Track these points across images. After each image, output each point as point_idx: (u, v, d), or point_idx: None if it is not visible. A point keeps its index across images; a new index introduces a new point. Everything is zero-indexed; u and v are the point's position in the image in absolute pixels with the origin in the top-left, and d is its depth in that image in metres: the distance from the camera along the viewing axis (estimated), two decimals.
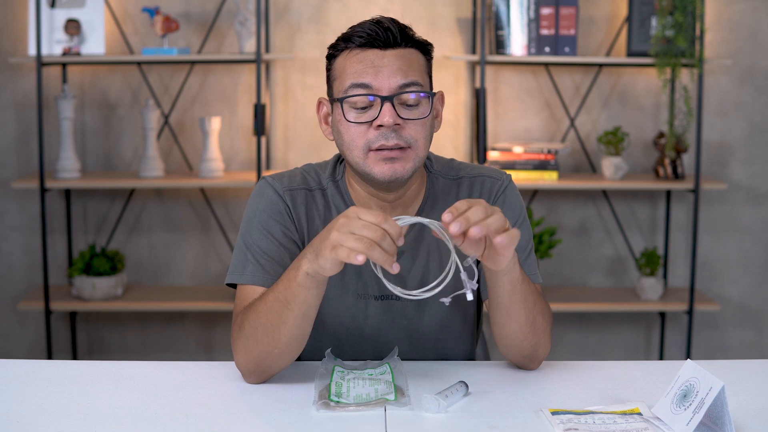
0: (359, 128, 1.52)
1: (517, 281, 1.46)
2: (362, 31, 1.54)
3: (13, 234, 3.48)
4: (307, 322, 1.44)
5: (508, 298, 1.47)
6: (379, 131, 1.51)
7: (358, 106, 1.52)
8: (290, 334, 1.43)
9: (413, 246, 1.63)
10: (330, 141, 1.64)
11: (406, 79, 1.52)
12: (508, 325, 1.51)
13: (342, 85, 1.54)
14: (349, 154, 1.55)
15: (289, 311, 1.42)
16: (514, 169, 3.25)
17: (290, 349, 1.46)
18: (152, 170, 3.24)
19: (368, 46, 1.53)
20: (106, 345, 3.52)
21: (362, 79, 1.51)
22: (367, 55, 1.53)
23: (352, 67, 1.53)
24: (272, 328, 1.43)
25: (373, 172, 1.53)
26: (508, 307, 1.49)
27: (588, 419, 1.32)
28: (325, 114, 1.62)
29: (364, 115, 1.52)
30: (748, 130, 3.48)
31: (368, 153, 1.52)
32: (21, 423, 1.32)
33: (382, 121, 1.50)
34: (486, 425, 1.32)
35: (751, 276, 3.56)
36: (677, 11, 3.15)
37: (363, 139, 1.52)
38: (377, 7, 3.39)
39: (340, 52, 1.56)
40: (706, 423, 1.28)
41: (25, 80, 3.38)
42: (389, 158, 1.51)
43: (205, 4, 3.38)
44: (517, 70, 3.44)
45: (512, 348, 1.55)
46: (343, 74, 1.54)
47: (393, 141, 1.51)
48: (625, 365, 1.63)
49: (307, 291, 1.40)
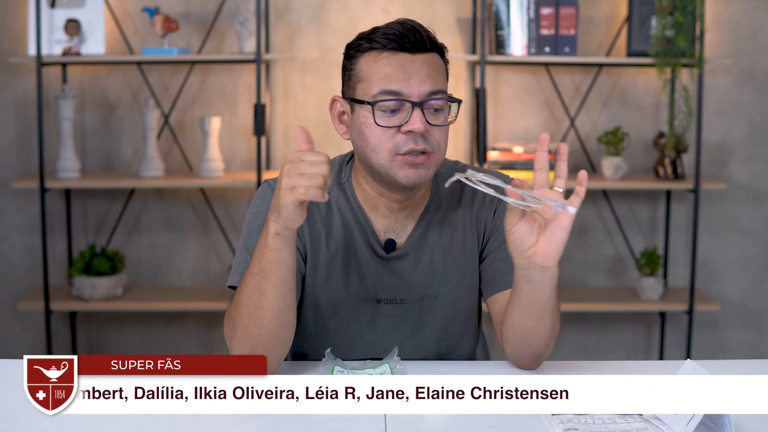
0: (387, 132, 1.51)
1: (555, 286, 1.46)
2: (391, 33, 1.52)
3: (13, 234, 3.48)
4: (286, 290, 1.44)
5: (545, 303, 1.47)
6: (408, 136, 1.51)
7: (386, 111, 1.51)
8: (273, 306, 1.43)
9: (417, 247, 1.63)
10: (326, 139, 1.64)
11: (435, 87, 1.52)
12: (537, 330, 1.50)
13: (370, 89, 1.52)
14: (373, 157, 1.53)
15: (266, 281, 1.42)
16: (514, 169, 3.24)
17: (276, 326, 1.45)
18: (152, 170, 3.24)
19: (397, 49, 1.51)
20: (106, 345, 3.51)
21: (392, 85, 1.50)
22: (397, 59, 1.51)
23: (381, 71, 1.51)
24: (255, 306, 1.44)
25: (397, 176, 1.52)
26: (542, 312, 1.48)
27: (588, 419, 1.33)
28: (339, 112, 1.60)
29: (393, 119, 1.51)
30: (748, 130, 3.48)
31: (395, 157, 1.52)
32: (21, 423, 1.32)
33: (412, 127, 1.50)
34: (486, 425, 1.32)
35: (751, 276, 3.55)
36: (677, 11, 3.15)
37: (391, 143, 1.51)
38: (377, 7, 3.39)
39: (363, 52, 1.54)
40: (706, 423, 1.28)
41: (25, 80, 3.38)
42: (415, 164, 1.51)
43: (205, 4, 3.38)
44: (517, 70, 3.44)
45: (526, 347, 1.53)
46: (371, 77, 1.52)
47: (421, 145, 1.51)
48: (625, 365, 1.63)
49: (280, 252, 1.40)
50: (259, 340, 1.46)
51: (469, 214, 1.65)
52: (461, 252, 1.64)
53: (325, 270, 1.62)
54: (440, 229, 1.64)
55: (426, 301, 1.64)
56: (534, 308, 1.47)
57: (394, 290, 1.63)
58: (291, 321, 1.48)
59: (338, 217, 1.63)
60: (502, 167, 3.23)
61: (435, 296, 1.64)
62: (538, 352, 1.54)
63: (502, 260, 1.63)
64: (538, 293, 1.45)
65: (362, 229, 1.62)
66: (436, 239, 1.64)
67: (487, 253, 1.65)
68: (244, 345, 1.47)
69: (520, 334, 1.51)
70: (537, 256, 1.41)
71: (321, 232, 1.62)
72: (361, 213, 1.63)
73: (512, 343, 1.54)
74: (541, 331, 1.50)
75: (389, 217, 1.62)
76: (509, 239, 1.41)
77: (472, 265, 1.65)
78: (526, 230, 1.41)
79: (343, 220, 1.63)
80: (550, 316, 1.49)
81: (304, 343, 1.67)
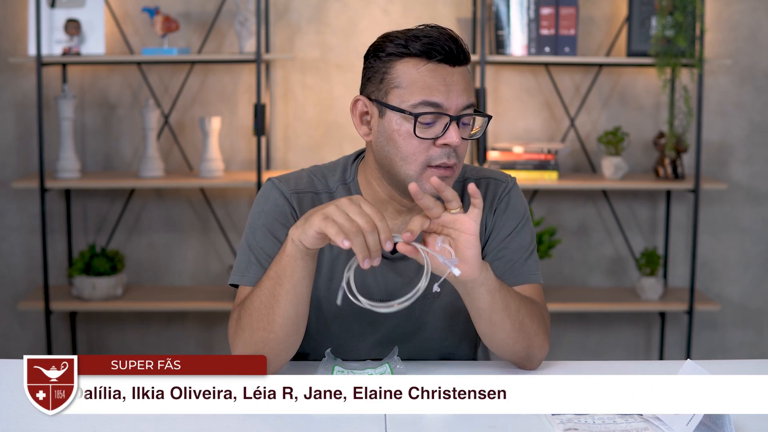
0: (424, 143, 1.50)
1: (495, 289, 1.46)
2: (437, 44, 1.49)
3: (13, 234, 3.48)
4: (299, 300, 1.43)
5: (489, 308, 1.48)
6: (443, 149, 1.50)
7: (424, 122, 1.50)
8: (284, 313, 1.43)
9: None
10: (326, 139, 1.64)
11: (469, 101, 1.51)
12: (496, 334, 1.52)
13: (408, 97, 1.49)
14: (402, 165, 1.52)
15: (280, 287, 1.42)
16: (514, 169, 3.24)
17: (286, 333, 1.45)
18: (152, 170, 3.24)
19: (441, 60, 1.50)
20: (106, 345, 3.52)
21: (434, 97, 1.48)
22: (439, 70, 1.50)
23: (423, 81, 1.49)
24: (266, 310, 1.44)
25: (424, 187, 1.52)
26: (491, 317, 1.49)
27: (588, 419, 1.33)
28: (361, 113, 1.57)
29: (429, 131, 1.50)
30: (748, 130, 3.48)
31: (426, 168, 1.51)
32: (21, 423, 1.32)
33: (448, 140, 1.49)
34: (486, 425, 1.32)
35: (751, 276, 3.56)
36: (677, 11, 3.15)
37: (425, 155, 1.50)
38: (377, 7, 3.39)
39: (400, 57, 1.51)
40: (706, 423, 1.28)
41: (25, 80, 3.38)
42: (443, 177, 1.51)
43: (205, 4, 3.38)
44: (517, 70, 3.44)
45: (504, 353, 1.56)
46: (412, 86, 1.49)
47: (453, 160, 1.51)
48: (625, 365, 1.63)
49: (295, 262, 1.40)
50: (266, 344, 1.46)
51: None
52: None
53: (328, 270, 1.62)
54: None
55: (428, 300, 1.64)
56: (482, 315, 1.49)
57: (398, 291, 1.63)
58: (300, 330, 1.47)
59: None
60: (502, 167, 3.23)
61: (437, 295, 1.64)
62: (519, 354, 1.56)
63: (501, 259, 1.63)
64: (478, 301, 1.47)
65: None
66: None
67: (486, 251, 1.65)
68: (250, 346, 1.47)
69: (484, 339, 1.55)
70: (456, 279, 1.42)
71: None
72: None
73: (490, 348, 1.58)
74: (500, 334, 1.51)
75: (396, 219, 1.62)
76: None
77: None
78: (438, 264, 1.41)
79: None
80: (505, 320, 1.50)
81: (305, 343, 1.66)
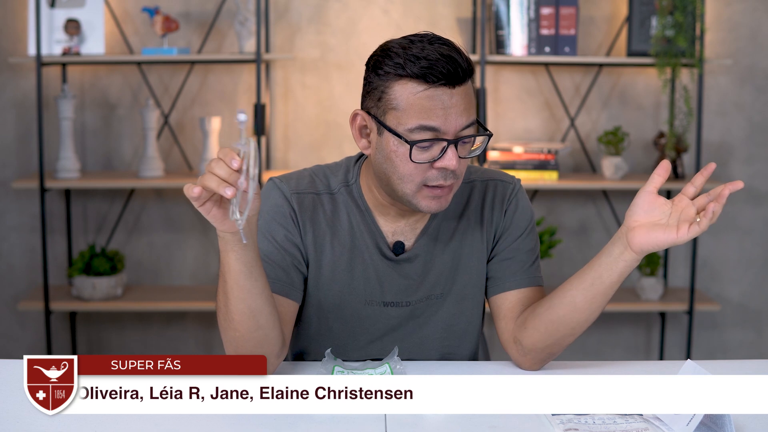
0: (420, 166, 1.49)
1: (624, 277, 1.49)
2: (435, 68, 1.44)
3: (13, 234, 3.48)
4: (245, 294, 1.41)
5: (607, 287, 1.50)
6: (439, 171, 1.49)
7: (422, 146, 1.48)
8: (236, 309, 1.42)
9: (426, 250, 1.63)
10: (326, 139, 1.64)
11: (469, 120, 1.48)
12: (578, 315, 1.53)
13: (405, 120, 1.47)
14: (399, 184, 1.51)
15: (225, 284, 1.42)
16: (514, 169, 3.25)
17: (247, 329, 1.44)
18: (152, 170, 3.24)
19: (440, 84, 1.45)
20: (106, 345, 3.52)
21: (431, 121, 1.45)
22: (437, 93, 1.45)
23: (420, 105, 1.46)
24: (224, 309, 1.44)
25: (420, 205, 1.52)
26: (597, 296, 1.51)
27: (588, 419, 1.33)
28: (360, 126, 1.55)
29: (426, 154, 1.48)
30: (748, 130, 3.48)
31: (422, 188, 1.51)
32: (21, 423, 1.32)
33: (445, 163, 1.48)
34: (486, 425, 1.32)
35: (751, 276, 3.56)
36: (677, 11, 3.15)
37: (421, 177, 1.49)
38: (377, 7, 3.39)
39: (398, 77, 1.47)
40: (706, 423, 1.28)
41: (25, 80, 3.38)
42: (438, 196, 1.51)
43: (205, 4, 3.38)
44: (517, 70, 3.44)
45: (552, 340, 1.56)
46: (409, 109, 1.46)
47: (450, 181, 1.50)
48: (625, 365, 1.63)
49: (227, 255, 1.39)
50: (237, 341, 1.46)
51: (478, 213, 1.65)
52: (469, 252, 1.64)
53: (329, 271, 1.61)
54: (449, 231, 1.64)
55: (431, 300, 1.64)
56: (595, 286, 1.50)
57: (401, 293, 1.63)
58: (262, 325, 1.45)
59: (345, 218, 1.62)
60: (502, 167, 3.23)
61: (441, 296, 1.64)
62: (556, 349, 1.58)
63: (511, 259, 1.63)
64: (607, 271, 1.49)
65: (370, 232, 1.62)
66: (445, 241, 1.63)
67: (496, 252, 1.65)
68: (228, 346, 1.48)
69: (563, 311, 1.54)
70: (635, 233, 1.45)
71: (326, 233, 1.61)
72: (370, 216, 1.62)
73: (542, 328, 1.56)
74: (584, 314, 1.53)
75: (399, 221, 1.62)
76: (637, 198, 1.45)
77: (479, 265, 1.65)
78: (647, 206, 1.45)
79: (350, 221, 1.62)
80: (599, 307, 1.52)
81: (306, 343, 1.67)
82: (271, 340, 1.47)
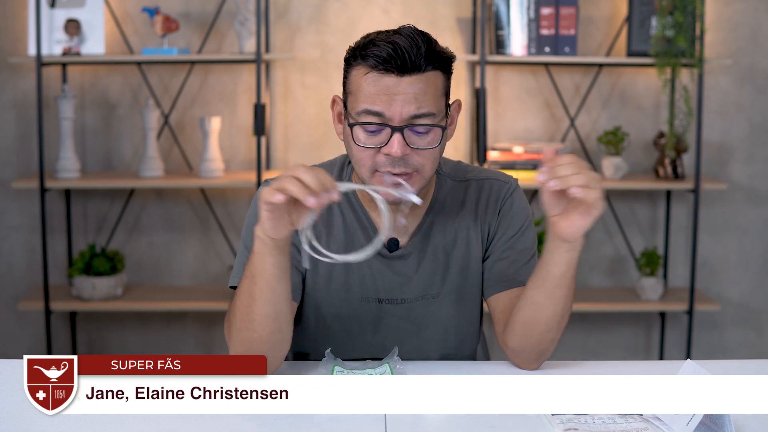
0: (368, 150, 1.50)
1: (573, 264, 1.47)
2: (382, 52, 1.47)
3: (13, 234, 3.48)
4: (275, 298, 1.43)
5: (559, 279, 1.48)
6: (387, 158, 1.50)
7: (368, 130, 1.50)
8: (261, 312, 1.43)
9: (420, 247, 1.63)
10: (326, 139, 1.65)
11: (419, 110, 1.48)
12: (543, 312, 1.51)
13: (355, 105, 1.50)
14: (358, 169, 1.54)
15: (254, 286, 1.42)
16: (514, 169, 3.24)
17: (267, 331, 1.44)
18: (152, 170, 3.24)
19: (385, 70, 1.47)
20: (106, 345, 3.52)
21: (375, 106, 1.47)
22: (383, 80, 1.47)
23: (366, 89, 1.48)
24: (246, 310, 1.44)
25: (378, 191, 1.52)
26: (554, 290, 1.49)
27: (588, 419, 1.33)
28: (338, 113, 1.59)
29: (374, 139, 1.50)
30: (748, 130, 3.48)
31: (374, 173, 1.52)
32: (21, 423, 1.32)
33: (389, 150, 1.48)
34: (486, 425, 1.32)
35: (751, 276, 3.56)
36: (677, 11, 3.15)
37: (370, 162, 1.51)
38: (377, 7, 3.39)
39: (356, 65, 1.51)
40: (706, 423, 1.28)
41: (25, 80, 3.38)
42: (395, 182, 1.50)
43: (205, 4, 3.38)
44: (517, 70, 3.44)
45: (531, 340, 1.53)
46: (357, 93, 1.50)
47: (400, 168, 1.50)
48: (625, 365, 1.63)
49: (264, 258, 1.39)
50: (252, 343, 1.46)
51: (473, 213, 1.65)
52: (464, 252, 1.64)
53: (326, 270, 1.62)
54: (443, 229, 1.64)
55: (427, 300, 1.64)
56: (547, 281, 1.48)
57: (395, 290, 1.63)
58: (282, 329, 1.47)
59: (339, 216, 1.63)
60: (502, 167, 3.23)
61: (437, 295, 1.64)
62: (543, 346, 1.54)
63: (505, 259, 1.63)
64: (553, 266, 1.47)
65: (364, 229, 1.62)
66: (439, 239, 1.64)
67: (490, 252, 1.65)
68: (239, 347, 1.48)
69: (529, 311, 1.52)
70: (556, 226, 1.43)
71: (321, 232, 1.61)
72: (363, 212, 1.63)
73: (518, 331, 1.54)
74: (549, 310, 1.50)
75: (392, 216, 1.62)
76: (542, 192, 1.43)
77: (475, 265, 1.65)
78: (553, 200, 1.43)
79: (344, 219, 1.63)
80: (561, 298, 1.50)
81: (305, 343, 1.67)
82: (284, 344, 1.49)
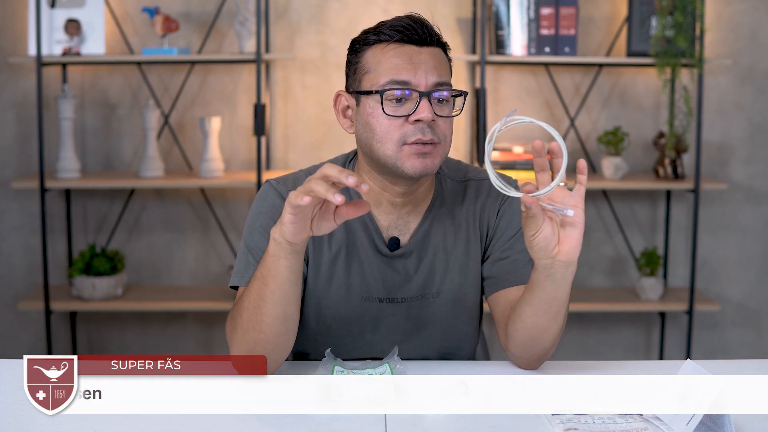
0: (396, 121, 1.52)
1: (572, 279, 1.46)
2: (399, 25, 1.54)
3: (13, 234, 3.48)
4: (285, 300, 1.43)
5: (564, 301, 1.46)
6: (416, 126, 1.52)
7: (395, 100, 1.53)
8: (271, 313, 1.43)
9: (421, 246, 1.63)
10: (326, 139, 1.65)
11: (441, 78, 1.54)
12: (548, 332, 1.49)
13: (377, 79, 1.54)
14: (379, 148, 1.54)
15: (266, 287, 1.42)
16: (514, 169, 3.25)
17: (275, 333, 1.45)
18: (152, 170, 3.24)
19: (405, 41, 1.54)
20: (106, 345, 3.52)
21: (401, 75, 1.52)
22: (405, 50, 1.54)
23: (389, 62, 1.53)
24: (254, 310, 1.44)
25: (404, 166, 1.53)
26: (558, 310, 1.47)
27: (588, 419, 1.33)
28: (343, 107, 1.61)
29: (401, 109, 1.53)
30: (748, 130, 3.48)
31: (402, 146, 1.53)
32: (21, 423, 1.32)
33: (420, 116, 1.51)
34: (486, 425, 1.33)
35: (751, 276, 3.56)
36: (677, 11, 3.15)
37: (399, 132, 1.52)
38: (377, 7, 3.39)
39: (370, 46, 1.56)
40: (706, 423, 1.28)
41: (25, 80, 3.38)
42: (422, 153, 1.52)
43: (205, 4, 3.38)
44: (517, 70, 3.44)
45: (535, 347, 1.52)
46: (379, 68, 1.54)
47: (429, 136, 1.52)
48: (625, 365, 1.63)
49: (278, 261, 1.39)
50: (257, 344, 1.46)
51: (472, 213, 1.66)
52: (464, 251, 1.65)
53: (328, 270, 1.62)
54: (444, 228, 1.64)
55: (427, 300, 1.64)
56: (552, 306, 1.47)
57: (396, 289, 1.63)
58: (290, 330, 1.47)
59: None
60: (502, 167, 3.23)
61: (437, 294, 1.64)
62: (545, 351, 1.54)
63: (506, 259, 1.63)
64: (560, 290, 1.45)
65: (365, 227, 1.62)
66: (439, 238, 1.64)
67: (490, 252, 1.65)
68: (243, 347, 1.47)
69: (533, 332, 1.50)
70: (561, 254, 1.40)
71: None
72: None
73: (521, 344, 1.53)
74: (554, 329, 1.50)
75: (392, 213, 1.63)
76: (533, 244, 1.39)
77: (475, 264, 1.65)
78: (549, 233, 1.40)
79: None
80: (564, 314, 1.49)
81: (305, 342, 1.67)
82: (289, 345, 1.49)
